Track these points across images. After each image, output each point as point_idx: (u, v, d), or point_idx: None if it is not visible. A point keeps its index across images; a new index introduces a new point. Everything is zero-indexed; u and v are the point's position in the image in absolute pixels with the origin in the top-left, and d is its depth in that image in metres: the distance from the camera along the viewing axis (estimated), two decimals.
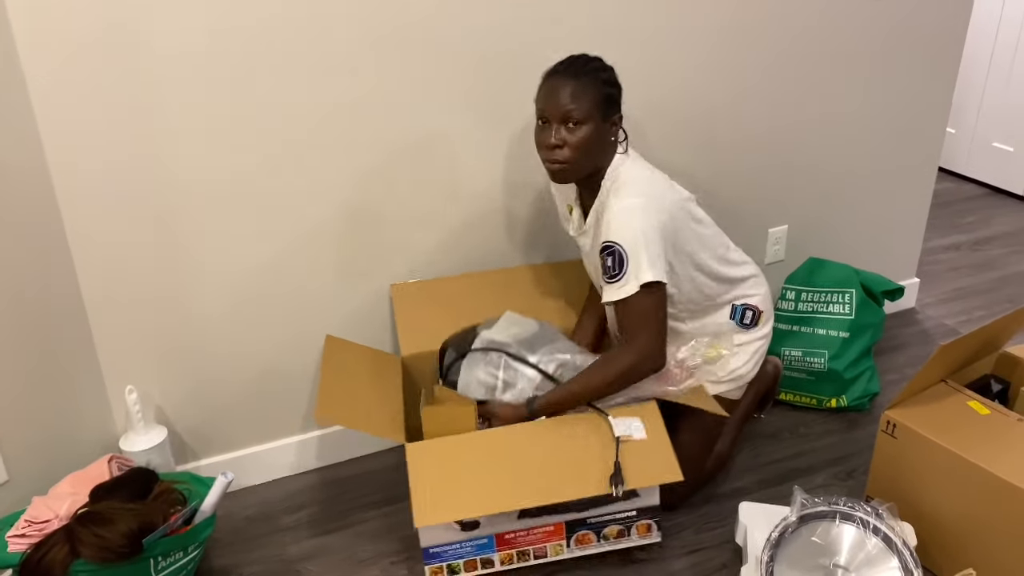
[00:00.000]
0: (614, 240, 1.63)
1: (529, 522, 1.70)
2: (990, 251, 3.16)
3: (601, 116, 1.65)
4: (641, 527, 1.75)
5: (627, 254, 1.61)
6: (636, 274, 1.62)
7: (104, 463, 1.71)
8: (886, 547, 1.55)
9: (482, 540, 1.69)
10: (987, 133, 3.66)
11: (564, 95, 1.63)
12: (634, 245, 1.62)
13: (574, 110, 1.62)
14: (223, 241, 1.80)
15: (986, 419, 1.70)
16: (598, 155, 1.69)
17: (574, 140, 1.64)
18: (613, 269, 1.63)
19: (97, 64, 1.57)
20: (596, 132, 1.65)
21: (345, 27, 1.72)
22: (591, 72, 1.65)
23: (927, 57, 2.38)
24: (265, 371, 1.96)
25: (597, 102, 1.64)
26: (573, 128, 1.63)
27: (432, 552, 1.69)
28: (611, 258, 1.63)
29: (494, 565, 1.72)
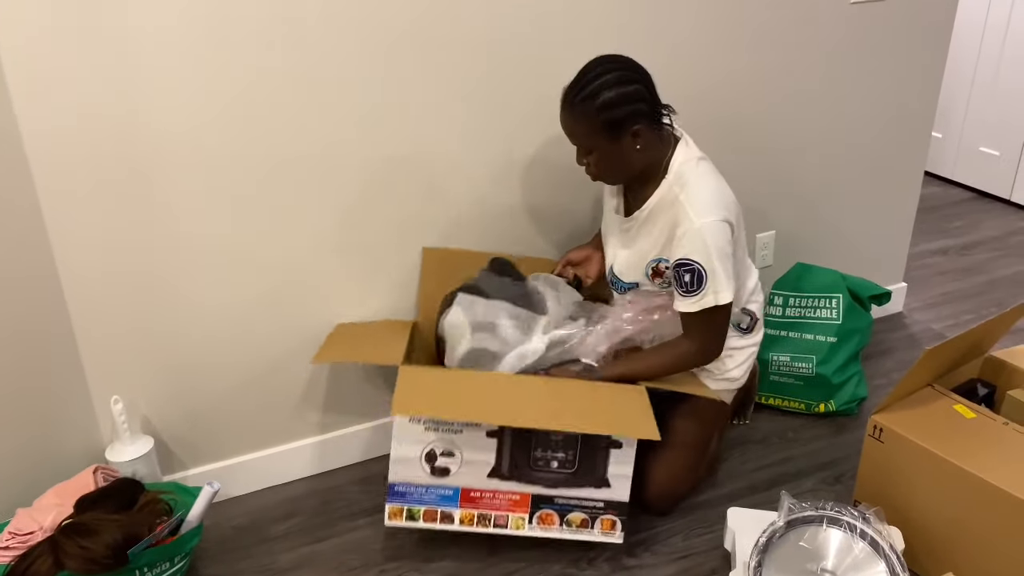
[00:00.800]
0: (695, 260, 1.70)
1: (498, 484, 1.72)
2: (977, 255, 3.18)
3: (608, 140, 1.68)
4: (606, 522, 1.75)
5: (707, 275, 1.70)
6: (713, 292, 1.71)
7: (89, 474, 1.71)
8: (873, 551, 1.55)
9: (448, 492, 1.72)
10: (973, 138, 3.68)
11: (567, 130, 1.72)
12: (712, 266, 1.69)
13: (581, 141, 1.72)
14: (211, 250, 1.80)
15: (972, 423, 1.71)
16: (630, 165, 1.74)
17: (594, 161, 1.73)
18: (691, 285, 1.72)
19: (76, 64, 1.57)
20: (610, 153, 1.70)
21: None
22: (585, 100, 1.65)
23: (912, 62, 2.39)
24: (252, 380, 1.95)
25: (595, 131, 1.67)
26: (588, 153, 1.73)
27: (397, 490, 1.72)
28: (690, 275, 1.71)
29: (453, 522, 1.74)
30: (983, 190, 3.71)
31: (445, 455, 1.71)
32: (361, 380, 2.06)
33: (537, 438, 1.71)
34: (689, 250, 1.69)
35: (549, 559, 1.81)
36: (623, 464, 1.73)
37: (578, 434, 1.70)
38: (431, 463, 1.71)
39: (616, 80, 1.65)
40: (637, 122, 1.67)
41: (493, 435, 1.71)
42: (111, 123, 1.62)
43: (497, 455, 1.72)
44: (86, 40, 1.55)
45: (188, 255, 1.78)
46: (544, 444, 1.72)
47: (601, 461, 1.72)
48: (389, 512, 1.73)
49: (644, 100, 1.68)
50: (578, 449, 1.72)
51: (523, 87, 1.93)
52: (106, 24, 1.55)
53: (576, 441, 1.71)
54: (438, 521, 1.74)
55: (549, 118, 1.80)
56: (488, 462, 1.72)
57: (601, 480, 1.73)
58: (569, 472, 1.72)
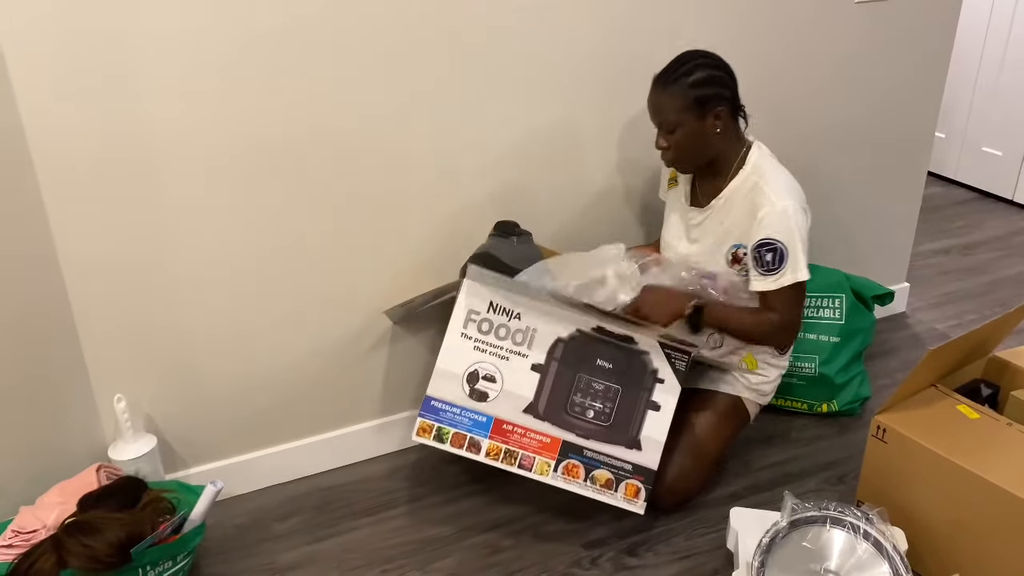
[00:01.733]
0: (777, 239, 1.78)
1: (531, 421, 1.74)
2: (980, 255, 3.17)
3: (695, 116, 1.78)
4: (631, 487, 1.76)
5: (787, 252, 1.78)
6: (793, 271, 1.79)
7: (92, 472, 1.71)
8: (876, 552, 1.55)
9: (481, 418, 1.74)
10: (976, 138, 3.68)
11: (655, 107, 1.81)
12: (793, 245, 1.77)
13: (664, 120, 1.80)
14: (215, 249, 1.80)
15: (975, 423, 1.71)
16: (707, 148, 1.83)
17: (674, 142, 1.81)
18: (773, 264, 1.79)
19: (79, 61, 1.57)
20: (694, 131, 1.79)
21: None
22: (679, 79, 1.76)
23: (916, 62, 2.39)
24: (255, 379, 1.95)
25: (685, 107, 1.76)
26: (670, 133, 1.80)
27: (433, 404, 1.75)
28: (772, 254, 1.79)
29: (479, 451, 1.74)
30: (986, 190, 3.70)
31: (487, 379, 1.75)
32: (364, 380, 2.06)
33: (579, 383, 1.75)
34: (771, 230, 1.78)
35: (551, 558, 1.81)
36: (658, 429, 1.76)
37: (619, 388, 1.75)
38: (472, 384, 1.75)
39: (708, 64, 1.79)
40: (721, 104, 1.79)
41: (537, 369, 1.75)
42: (114, 117, 1.62)
43: (537, 391, 1.75)
44: (88, 36, 1.55)
45: (191, 253, 1.78)
46: (585, 391, 1.75)
47: (637, 420, 1.76)
48: (419, 427, 1.74)
49: (729, 88, 1.81)
50: (616, 403, 1.76)
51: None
52: (108, 21, 1.55)
53: (616, 395, 1.75)
54: (465, 447, 1.74)
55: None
56: (527, 397, 1.75)
57: (633, 441, 1.75)
58: (603, 425, 1.75)
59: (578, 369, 1.77)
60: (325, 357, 2.00)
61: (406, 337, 2.06)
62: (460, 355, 1.76)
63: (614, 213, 2.17)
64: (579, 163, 2.08)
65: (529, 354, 1.76)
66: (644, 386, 1.78)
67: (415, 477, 2.07)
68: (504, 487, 1.99)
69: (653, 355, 1.79)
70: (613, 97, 2.04)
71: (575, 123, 2.04)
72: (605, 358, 1.78)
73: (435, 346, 1.84)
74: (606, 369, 1.77)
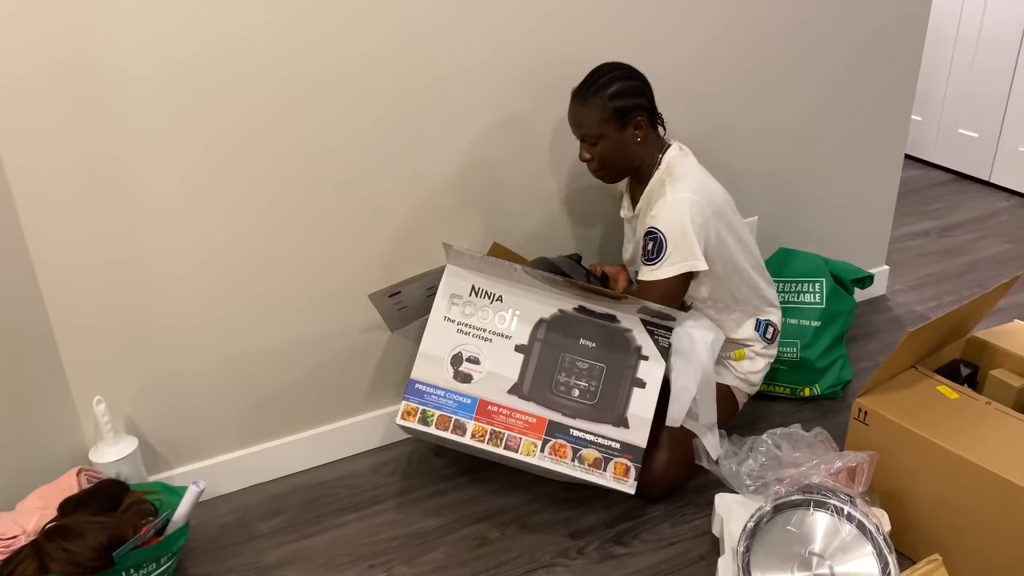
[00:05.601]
0: (659, 227, 1.78)
1: (516, 401, 1.75)
2: (959, 236, 3.20)
3: (616, 127, 1.80)
4: (619, 466, 1.75)
5: (667, 243, 1.77)
6: (669, 263, 1.78)
7: (72, 476, 1.69)
8: (860, 533, 1.56)
9: (466, 400, 1.75)
10: (953, 120, 3.70)
11: (576, 120, 1.82)
12: (674, 236, 1.77)
13: (586, 132, 1.81)
14: (194, 248, 1.78)
15: (955, 403, 1.72)
16: (629, 157, 1.85)
17: (596, 154, 1.83)
18: (652, 253, 1.79)
19: (51, 62, 1.54)
20: (616, 142, 1.81)
21: None
22: (597, 91, 1.78)
23: (890, 45, 2.39)
24: (237, 377, 1.94)
25: (605, 119, 1.78)
26: (593, 145, 1.82)
27: (417, 387, 1.76)
28: (652, 243, 1.79)
29: (464, 433, 1.75)
30: (963, 172, 3.73)
31: (471, 361, 1.76)
32: (347, 377, 2.05)
33: (563, 363, 1.76)
34: (657, 221, 1.79)
35: (538, 549, 1.81)
36: (644, 406, 1.76)
37: (603, 366, 1.76)
38: (456, 366, 1.76)
39: (624, 76, 1.81)
40: (640, 114, 1.81)
41: (520, 350, 1.76)
42: (86, 115, 1.60)
43: (521, 372, 1.76)
44: (56, 31, 1.53)
45: (168, 252, 1.76)
46: (569, 370, 1.76)
47: (623, 398, 1.76)
48: (404, 410, 1.76)
49: (646, 97, 1.83)
50: (602, 381, 1.76)
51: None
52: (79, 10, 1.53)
53: (601, 373, 1.76)
54: (450, 430, 1.75)
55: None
56: (511, 378, 1.76)
57: (620, 419, 1.76)
58: (589, 404, 1.76)
59: (562, 349, 1.77)
60: (306, 354, 1.98)
61: (386, 333, 2.05)
62: (444, 338, 1.77)
63: (584, 219, 2.17)
64: (546, 168, 2.08)
65: (512, 335, 1.77)
66: (628, 364, 1.78)
67: (401, 472, 2.06)
68: (490, 480, 1.99)
69: (636, 332, 1.79)
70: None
71: (543, 128, 2.03)
72: (588, 337, 1.78)
73: (417, 338, 1.83)
74: (589, 348, 1.78)
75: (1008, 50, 3.41)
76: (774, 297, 2.03)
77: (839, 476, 1.62)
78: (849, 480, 1.63)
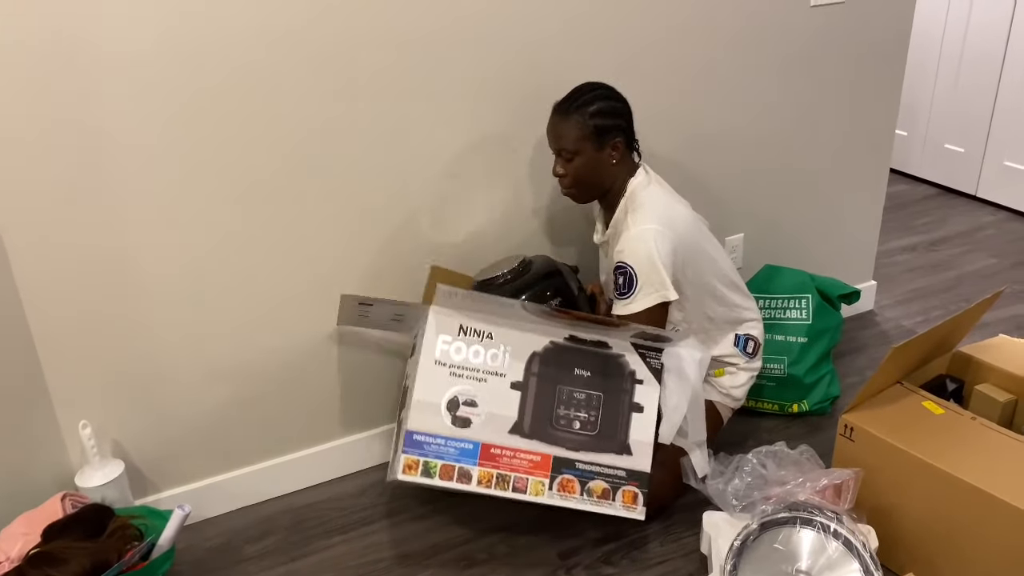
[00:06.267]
0: (627, 262, 1.78)
1: (519, 441, 1.71)
2: (945, 251, 3.21)
3: (594, 146, 1.80)
4: (627, 494, 1.74)
5: (637, 277, 1.77)
6: (642, 296, 1.78)
7: (57, 501, 1.68)
8: (847, 550, 1.56)
9: (468, 445, 1.69)
10: (938, 135, 3.73)
11: (555, 134, 1.82)
12: (643, 269, 1.77)
13: (564, 147, 1.81)
14: (179, 274, 1.78)
15: (940, 419, 1.73)
16: (601, 178, 1.85)
17: (571, 170, 1.82)
18: (623, 288, 1.79)
19: (38, 75, 1.55)
20: (591, 160, 1.81)
21: None
22: (580, 107, 1.78)
23: (873, 62, 2.42)
24: (223, 401, 1.93)
25: (585, 136, 1.78)
26: (569, 161, 1.81)
27: (416, 439, 1.67)
28: (623, 277, 1.79)
29: (470, 481, 1.69)
30: (949, 186, 3.75)
31: (468, 404, 1.71)
32: (334, 398, 2.05)
33: (560, 395, 1.74)
34: (624, 255, 1.79)
35: (526, 570, 1.81)
36: (644, 430, 1.76)
37: (601, 395, 1.74)
38: (453, 411, 1.71)
39: (606, 96, 1.82)
40: (618, 135, 1.82)
41: (517, 387, 1.73)
42: (73, 135, 1.61)
43: (520, 409, 1.73)
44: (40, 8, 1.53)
45: (154, 276, 1.77)
46: (567, 402, 1.74)
47: (623, 425, 1.75)
48: (404, 464, 1.66)
49: (625, 119, 1.84)
50: (600, 410, 1.75)
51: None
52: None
53: (599, 402, 1.75)
54: (455, 479, 1.68)
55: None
56: (510, 417, 1.72)
57: (623, 446, 1.75)
58: (591, 435, 1.74)
59: (558, 381, 1.75)
60: (293, 377, 1.98)
61: (374, 353, 2.05)
62: (437, 383, 1.71)
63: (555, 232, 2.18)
64: (519, 180, 2.08)
65: (507, 373, 1.73)
66: (624, 389, 1.77)
67: (389, 493, 2.05)
68: (477, 500, 1.98)
69: (628, 357, 1.78)
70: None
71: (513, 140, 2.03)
72: (582, 366, 1.77)
73: (403, 357, 1.83)
74: (585, 377, 1.76)
75: (991, 66, 3.44)
76: (753, 311, 2.03)
77: (825, 493, 1.63)
78: (835, 497, 1.63)
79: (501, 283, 1.92)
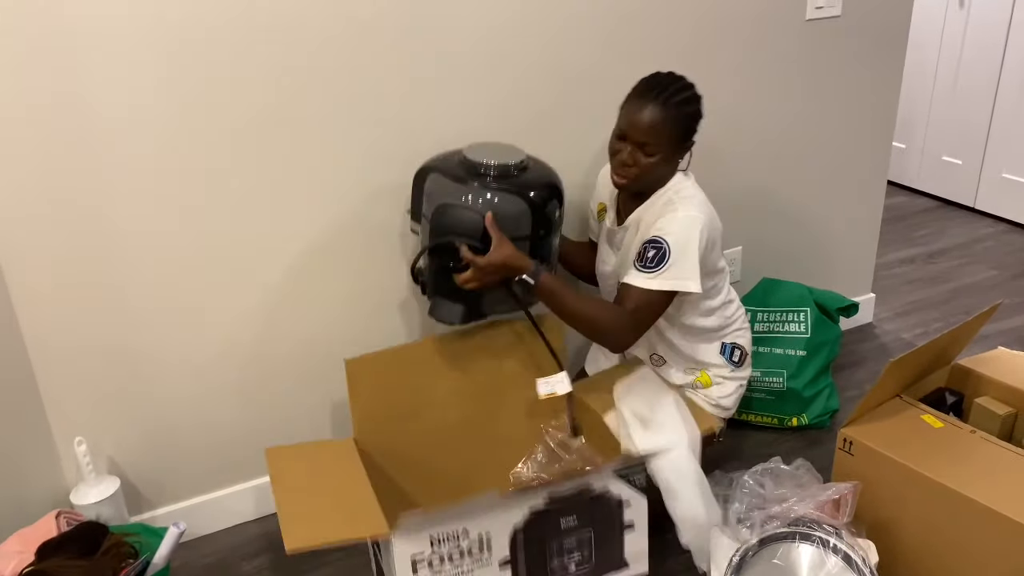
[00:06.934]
0: (666, 239, 1.70)
1: None
2: (944, 263, 3.21)
3: (675, 148, 1.74)
4: None
5: (670, 255, 1.69)
6: (666, 277, 1.70)
7: (51, 519, 1.67)
8: (846, 565, 1.55)
9: None
10: (936, 147, 3.74)
11: (646, 123, 1.69)
12: (678, 252, 1.69)
13: (650, 142, 1.70)
14: (174, 290, 1.78)
15: (940, 432, 1.72)
16: (661, 176, 1.78)
17: (644, 164, 1.72)
18: (651, 262, 1.70)
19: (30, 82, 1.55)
20: (666, 160, 1.74)
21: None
22: (678, 104, 1.71)
23: (870, 75, 2.42)
24: (220, 416, 1.93)
25: (674, 136, 1.72)
26: (647, 155, 1.71)
27: None
28: (655, 251, 1.70)
29: None
30: (947, 198, 3.76)
31: None
32: (331, 417, 2.04)
33: (551, 551, 1.64)
34: (664, 231, 1.71)
35: None
36: (638, 541, 1.71)
37: (591, 531, 1.65)
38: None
39: (697, 98, 1.76)
40: (692, 140, 1.77)
41: (506, 565, 1.62)
42: (64, 146, 1.61)
43: None
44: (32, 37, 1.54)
45: (151, 294, 1.76)
46: (559, 552, 1.65)
47: (617, 547, 1.70)
48: None
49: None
50: (593, 545, 1.67)
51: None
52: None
53: (590, 538, 1.67)
54: None
55: None
56: None
57: (620, 562, 1.70)
58: (588, 569, 1.69)
59: (545, 541, 1.64)
60: (290, 392, 1.98)
61: None
62: None
63: None
64: None
65: (492, 554, 1.60)
66: (614, 518, 1.69)
67: None
68: None
69: (612, 486, 1.67)
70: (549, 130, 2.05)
71: None
72: (567, 515, 1.65)
73: None
74: (572, 525, 1.66)
75: (988, 78, 3.45)
76: (743, 319, 2.00)
77: (824, 507, 1.62)
78: (834, 511, 1.62)
79: (483, 174, 1.71)
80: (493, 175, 1.71)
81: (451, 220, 1.68)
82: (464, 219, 1.67)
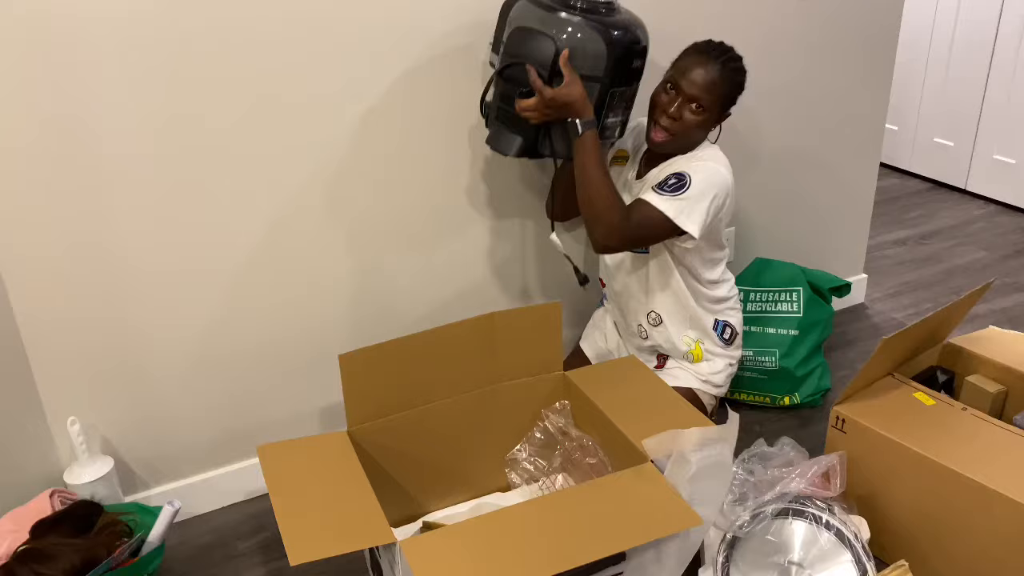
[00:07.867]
0: (692, 176, 1.75)
1: None
2: (935, 244, 3.22)
3: (721, 110, 1.79)
4: None
5: (688, 190, 1.73)
6: (676, 207, 1.73)
7: (45, 498, 1.67)
8: (839, 541, 1.56)
9: None
10: (928, 129, 3.75)
11: (703, 78, 1.73)
12: (696, 191, 1.74)
13: (705, 96, 1.73)
14: (168, 267, 1.77)
15: (931, 410, 1.73)
16: (697, 139, 1.82)
17: (690, 120, 1.75)
18: (669, 187, 1.75)
19: (27, 72, 1.54)
20: (709, 121, 1.78)
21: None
22: (734, 70, 1.77)
23: (862, 56, 2.42)
24: (215, 395, 1.92)
25: (724, 97, 1.77)
26: (695, 110, 1.75)
27: None
28: (677, 180, 1.75)
29: None
30: (939, 180, 3.77)
31: None
32: (326, 394, 2.04)
33: None
34: (689, 167, 1.76)
35: None
36: None
37: None
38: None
39: (745, 71, 1.82)
40: (730, 112, 1.83)
41: None
42: (61, 135, 1.59)
43: None
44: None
45: (144, 269, 1.75)
46: None
47: None
48: None
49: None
50: None
51: None
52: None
53: None
54: None
55: None
56: None
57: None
58: None
59: None
60: (286, 372, 1.97)
61: None
62: None
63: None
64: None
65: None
66: None
67: None
68: None
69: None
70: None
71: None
72: None
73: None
74: None
75: (980, 60, 3.46)
76: (736, 299, 2.02)
77: (815, 481, 1.63)
78: (825, 483, 1.63)
79: (570, 5, 1.65)
80: (580, 7, 1.66)
81: (527, 44, 1.65)
82: (540, 45, 1.64)
